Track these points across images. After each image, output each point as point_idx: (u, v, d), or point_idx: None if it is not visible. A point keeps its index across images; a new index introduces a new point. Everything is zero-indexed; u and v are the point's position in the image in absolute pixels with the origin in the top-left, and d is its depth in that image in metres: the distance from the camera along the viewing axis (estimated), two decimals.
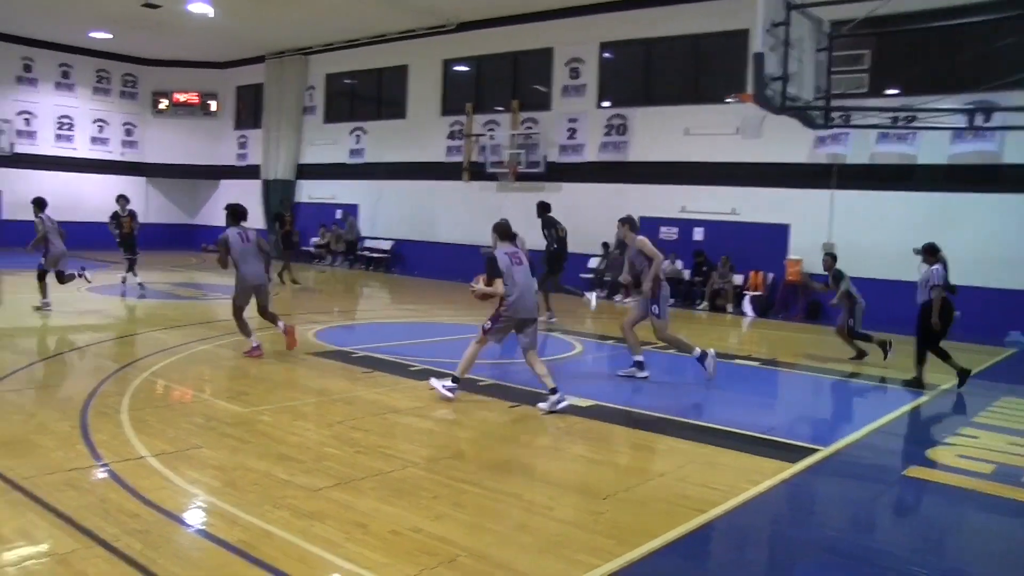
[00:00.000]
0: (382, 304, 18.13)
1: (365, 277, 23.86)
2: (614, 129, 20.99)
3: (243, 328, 10.79)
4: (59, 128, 30.06)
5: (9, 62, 28.73)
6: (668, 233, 19.99)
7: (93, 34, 27.80)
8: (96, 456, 6.25)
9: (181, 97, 32.27)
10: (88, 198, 28.92)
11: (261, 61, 30.13)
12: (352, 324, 14.85)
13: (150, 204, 32.11)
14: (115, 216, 17.92)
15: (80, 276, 14.80)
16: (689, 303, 19.14)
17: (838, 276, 12.43)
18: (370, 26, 24.95)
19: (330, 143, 27.98)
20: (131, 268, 17.58)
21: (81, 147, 30.65)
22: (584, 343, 13.33)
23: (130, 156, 31.91)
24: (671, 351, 11.62)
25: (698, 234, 19.72)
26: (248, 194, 30.09)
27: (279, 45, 28.56)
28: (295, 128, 28.98)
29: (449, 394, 8.56)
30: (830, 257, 12.76)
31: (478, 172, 23.39)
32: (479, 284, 8.60)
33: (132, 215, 17.95)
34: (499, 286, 8.42)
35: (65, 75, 30.09)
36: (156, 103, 32.18)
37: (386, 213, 26.15)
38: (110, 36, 27.95)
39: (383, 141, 26.34)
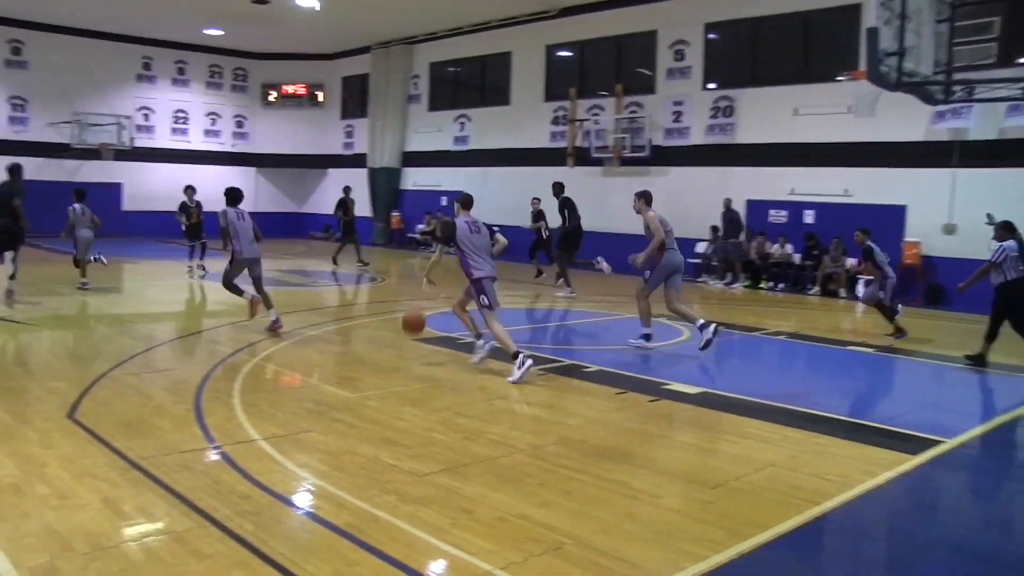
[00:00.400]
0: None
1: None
2: (720, 111, 20.55)
3: (235, 291, 11.82)
4: (175, 122, 31.23)
5: (130, 61, 29.98)
6: (777, 216, 19.51)
7: (206, 31, 28.73)
8: (210, 438, 6.43)
9: (289, 89, 33.10)
10: (202, 189, 29.85)
11: (366, 52, 30.58)
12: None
13: (260, 193, 33.07)
14: (183, 206, 18.75)
15: (96, 261, 15.75)
16: (799, 288, 18.63)
17: (868, 252, 12.62)
18: (473, 14, 25.02)
19: (435, 131, 28.23)
20: (202, 254, 18.48)
21: (195, 140, 31.79)
22: (691, 329, 13.08)
23: (241, 147, 32.92)
24: (782, 336, 11.32)
25: (808, 217, 19.15)
26: (354, 182, 30.65)
27: (384, 35, 28.92)
28: (400, 116, 29.34)
29: (525, 372, 8.64)
30: (861, 232, 12.97)
31: (583, 157, 23.24)
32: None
33: (199, 205, 18.86)
34: (438, 254, 9.83)
35: (180, 71, 31.24)
36: (266, 95, 33.08)
37: (490, 200, 26.19)
38: (222, 32, 28.86)
39: (487, 128, 26.43)
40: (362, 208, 29.55)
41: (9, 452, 5.95)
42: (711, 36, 20.90)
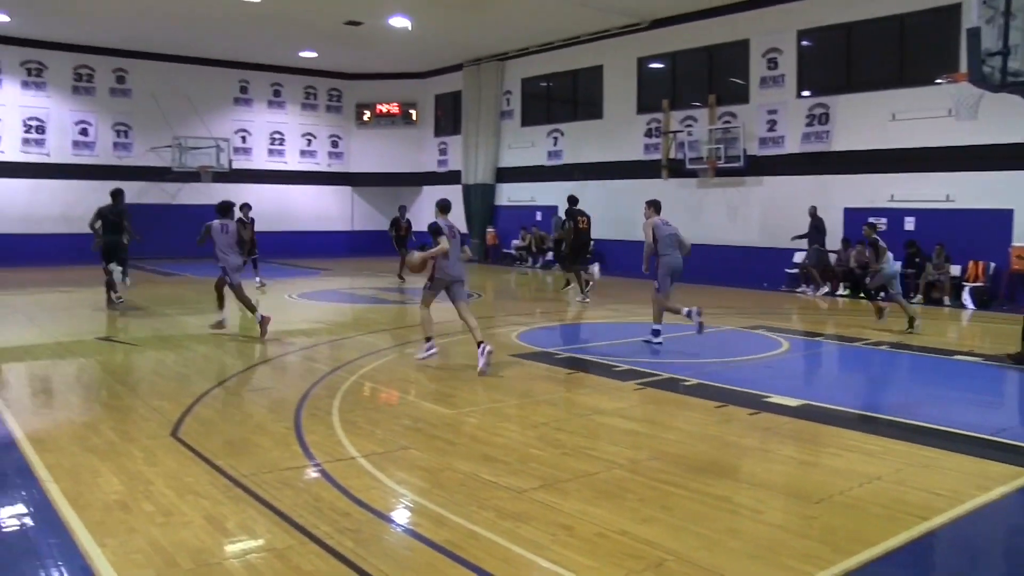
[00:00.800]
0: (584, 305, 18.12)
1: (564, 278, 23.93)
2: (816, 119, 20.12)
3: (219, 300, 13.44)
4: (271, 143, 32.07)
5: (227, 85, 30.97)
6: (876, 224, 18.97)
7: (302, 54, 29.48)
8: (309, 456, 6.53)
9: (383, 108, 33.64)
10: (298, 208, 30.75)
11: (459, 69, 30.93)
12: (554, 325, 14.91)
13: (356, 212, 33.77)
14: (239, 222, 18.53)
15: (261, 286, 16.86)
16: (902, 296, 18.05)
17: (874, 243, 13.88)
18: (564, 28, 25.08)
19: (528, 146, 28.35)
20: (255, 266, 19.72)
21: (291, 160, 32.58)
22: (791, 340, 12.82)
23: (336, 167, 33.61)
24: (883, 347, 11.02)
25: (909, 224, 18.56)
26: (451, 199, 30.97)
27: (475, 53, 29.22)
28: (493, 133, 29.56)
29: (426, 354, 10.31)
30: (869, 227, 14.48)
31: (676, 169, 23.03)
32: (414, 255, 10.32)
33: (252, 222, 19.87)
34: (444, 243, 10.07)
35: (276, 93, 32.10)
36: (360, 115, 33.70)
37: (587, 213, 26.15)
38: (316, 55, 29.56)
39: (580, 142, 26.42)
40: (457, 224, 29.87)
41: (116, 469, 6.16)
42: (804, 43, 20.50)
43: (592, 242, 19.63)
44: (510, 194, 29.44)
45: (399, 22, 23.87)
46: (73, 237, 25.82)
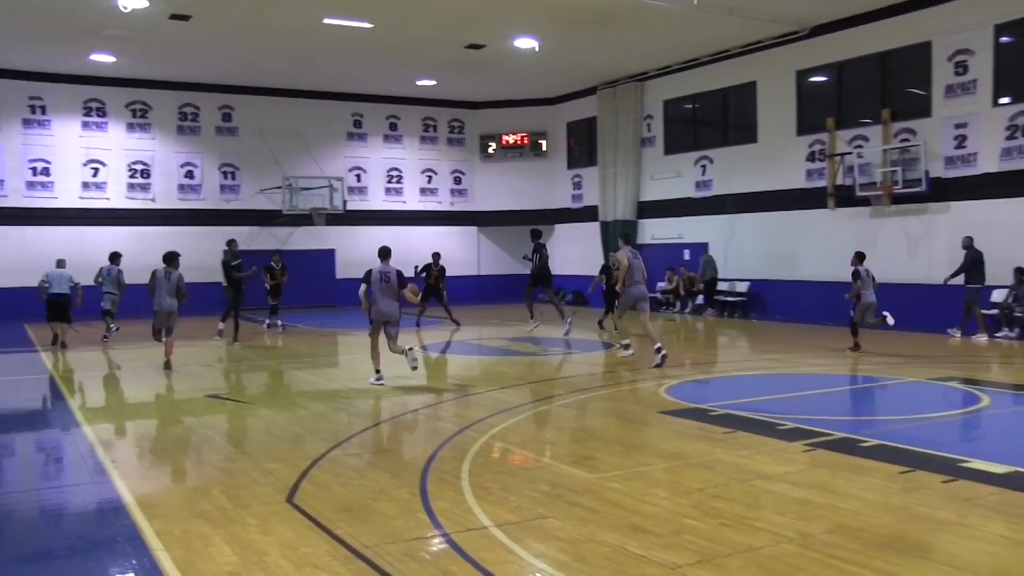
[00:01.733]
0: (741, 354, 17.88)
1: (719, 324, 23.69)
2: (1018, 130, 19.35)
3: (157, 338, 16.43)
4: (388, 181, 32.94)
5: (340, 119, 32.06)
6: None
7: (419, 82, 30.27)
8: (437, 525, 6.61)
9: (510, 139, 34.11)
10: (418, 252, 31.11)
11: (592, 93, 31.20)
12: (707, 378, 14.72)
13: (482, 254, 34.18)
14: (269, 268, 22.38)
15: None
16: None
17: (855, 275, 16.77)
18: (711, 42, 25.02)
19: (673, 176, 28.25)
20: (276, 312, 22.52)
21: (410, 199, 33.36)
22: (992, 394, 12.29)
23: (460, 205, 34.24)
24: None
25: None
26: (587, 237, 31.14)
27: (611, 74, 29.42)
28: (633, 162, 29.61)
29: (374, 381, 13.46)
30: (856, 256, 17.23)
31: (845, 197, 22.52)
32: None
33: (284, 268, 22.55)
34: (363, 289, 13.64)
35: (393, 127, 33.01)
36: (484, 147, 34.28)
37: (740, 251, 25.87)
38: (435, 83, 30.28)
39: (733, 169, 26.18)
40: (596, 267, 29.94)
41: (228, 537, 6.37)
42: (1004, 39, 19.72)
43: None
44: (654, 231, 29.36)
45: (525, 43, 24.28)
46: None
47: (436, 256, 23.30)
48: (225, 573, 5.66)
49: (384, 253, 13.90)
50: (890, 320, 16.53)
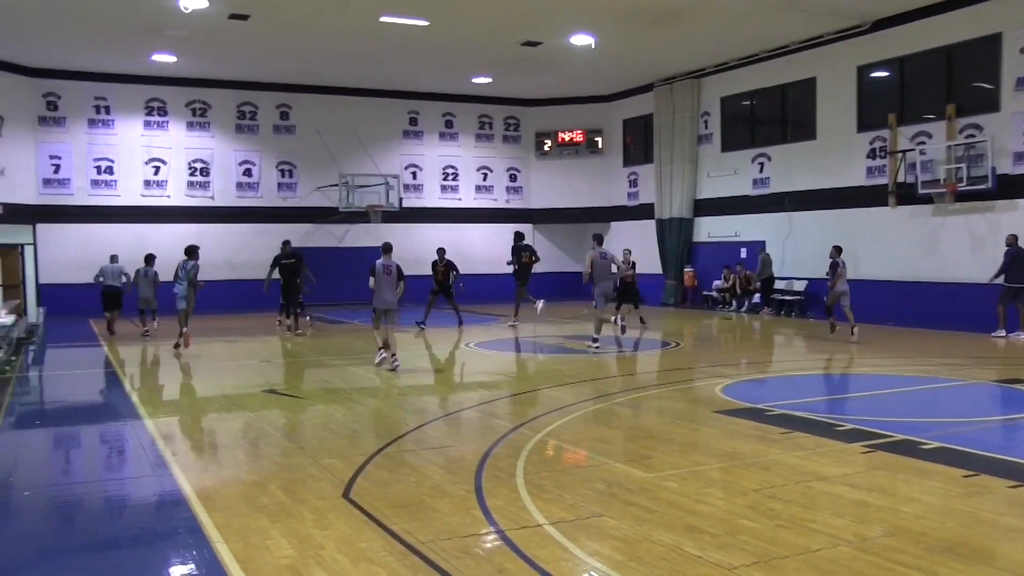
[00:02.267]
0: (798, 354, 17.71)
1: (776, 323, 23.48)
2: None
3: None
4: (444, 178, 33.14)
5: (396, 117, 32.28)
6: None
7: (475, 80, 30.37)
8: (492, 522, 6.64)
9: (565, 136, 34.07)
10: (474, 249, 31.26)
11: (648, 90, 31.07)
12: (764, 378, 14.62)
13: (538, 252, 34.05)
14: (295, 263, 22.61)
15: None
16: None
17: (833, 266, 18.97)
18: (769, 37, 24.80)
19: (730, 174, 28.06)
20: (298, 311, 22.11)
21: (465, 197, 33.52)
22: None
23: (515, 202, 34.29)
24: None
25: None
26: (643, 234, 31.01)
27: (667, 71, 29.27)
28: (690, 160, 29.43)
29: (380, 360, 15.25)
30: (834, 249, 19.34)
31: (907, 195, 22.18)
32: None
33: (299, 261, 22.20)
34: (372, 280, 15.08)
35: (448, 124, 33.19)
36: (540, 145, 34.28)
37: (798, 249, 25.61)
38: (490, 80, 30.35)
39: (791, 167, 25.91)
40: (651, 264, 29.85)
41: (286, 531, 6.46)
42: None
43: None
44: (710, 229, 29.18)
45: (581, 40, 24.23)
46: (237, 284, 27.47)
47: (441, 252, 23.09)
48: (283, 566, 5.75)
49: (386, 248, 15.53)
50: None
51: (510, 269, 24.31)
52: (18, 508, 7.69)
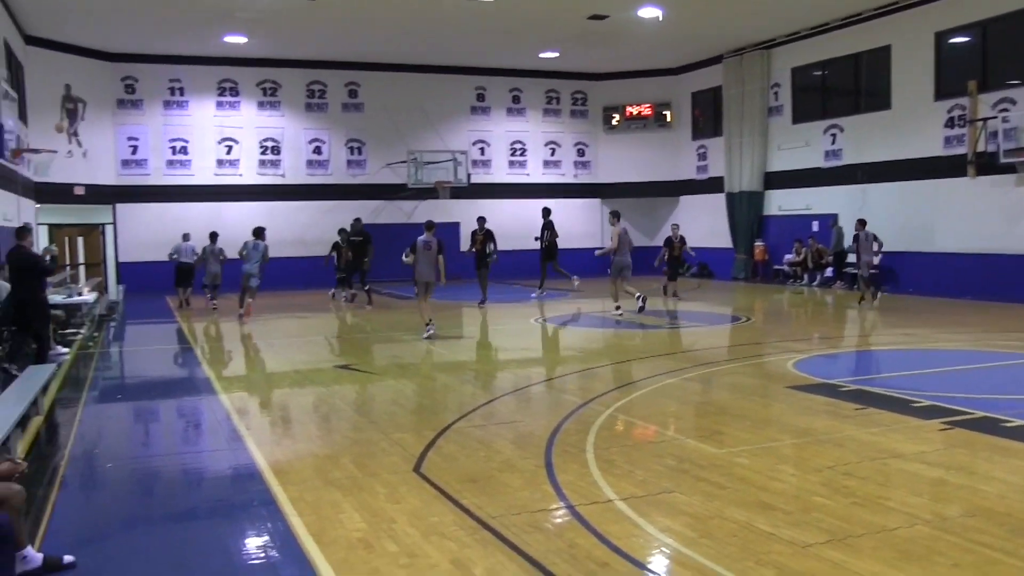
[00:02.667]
0: (871, 328, 17.39)
1: (849, 297, 23.06)
2: None
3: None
4: (512, 154, 33.04)
5: (463, 94, 32.23)
6: None
7: (542, 55, 30.17)
8: (562, 497, 6.62)
9: (633, 110, 33.74)
10: (539, 222, 30.87)
11: (718, 62, 30.62)
12: (837, 352, 14.40)
13: (605, 227, 33.59)
14: (336, 246, 23.50)
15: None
16: None
17: (855, 239, 20.90)
18: (842, 5, 24.28)
19: (801, 146, 27.56)
20: (345, 285, 23.46)
21: (533, 172, 33.39)
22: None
23: (583, 177, 34.08)
24: None
25: None
26: (712, 209, 30.71)
27: (737, 42, 28.83)
28: (760, 133, 29.01)
29: (429, 332, 15.91)
30: (859, 222, 20.83)
31: (987, 165, 21.59)
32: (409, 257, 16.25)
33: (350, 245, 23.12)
34: (411, 256, 16.15)
35: (515, 100, 33.04)
36: (608, 119, 34.00)
37: (871, 222, 25.03)
38: (557, 55, 30.12)
39: (864, 138, 25.36)
40: (721, 238, 29.57)
41: (358, 505, 6.51)
42: None
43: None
44: (781, 202, 28.72)
45: (649, 12, 23.93)
46: (307, 260, 27.72)
47: (481, 220, 22.82)
48: (355, 540, 5.80)
49: (428, 226, 16.67)
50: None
51: (537, 244, 24.76)
52: (103, 480, 7.89)
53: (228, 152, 29.38)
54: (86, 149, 26.89)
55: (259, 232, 20.01)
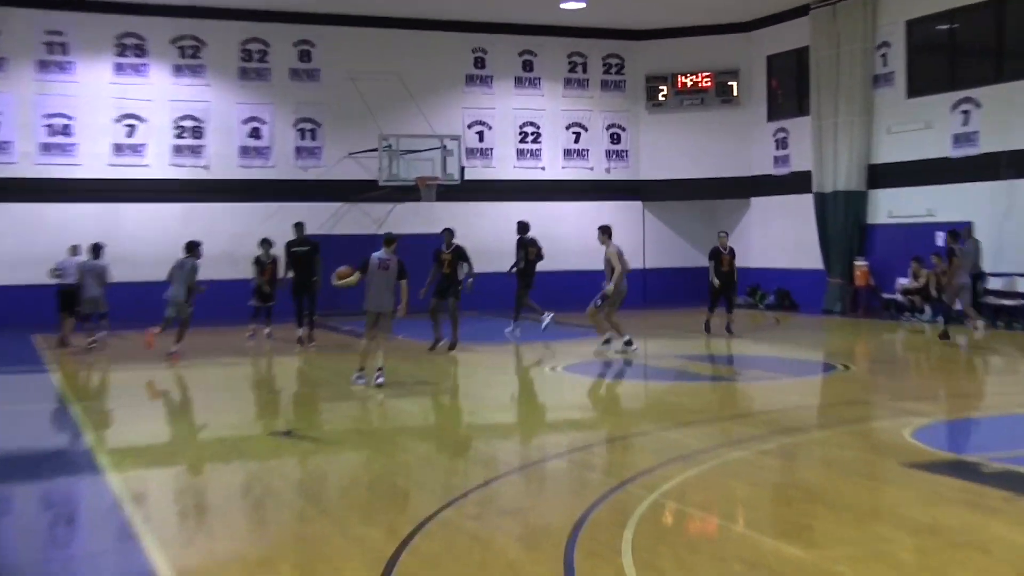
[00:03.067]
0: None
1: (990, 338, 22.91)
2: None
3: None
4: (521, 141, 33.13)
5: (457, 57, 32.47)
6: None
7: (564, 6, 30.24)
8: None
9: (687, 80, 33.75)
10: (561, 236, 30.27)
11: (804, 14, 30.74)
12: (975, 417, 14.35)
13: (648, 240, 33.72)
14: (258, 261, 24.24)
15: None
16: None
17: (950, 253, 21.85)
18: None
19: (920, 128, 27.55)
20: (269, 316, 24.06)
21: (551, 165, 33.45)
22: None
23: (618, 172, 34.18)
24: None
25: None
26: (796, 215, 30.68)
27: None
28: (862, 110, 29.05)
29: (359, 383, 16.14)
30: (950, 234, 22.23)
31: None
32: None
33: (275, 262, 23.76)
34: (356, 276, 16.42)
35: (527, 66, 33.17)
36: (653, 93, 34.05)
37: (1022, 233, 25.02)
38: (583, 5, 30.13)
39: (1009, 117, 25.35)
40: (807, 256, 29.54)
41: None
42: None
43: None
44: (891, 206, 28.72)
45: None
46: (239, 284, 27.38)
47: (449, 234, 22.10)
48: None
49: (388, 240, 16.98)
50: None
51: (512, 270, 24.70)
52: None
53: (130, 134, 29.38)
54: None
55: (190, 247, 20.68)
